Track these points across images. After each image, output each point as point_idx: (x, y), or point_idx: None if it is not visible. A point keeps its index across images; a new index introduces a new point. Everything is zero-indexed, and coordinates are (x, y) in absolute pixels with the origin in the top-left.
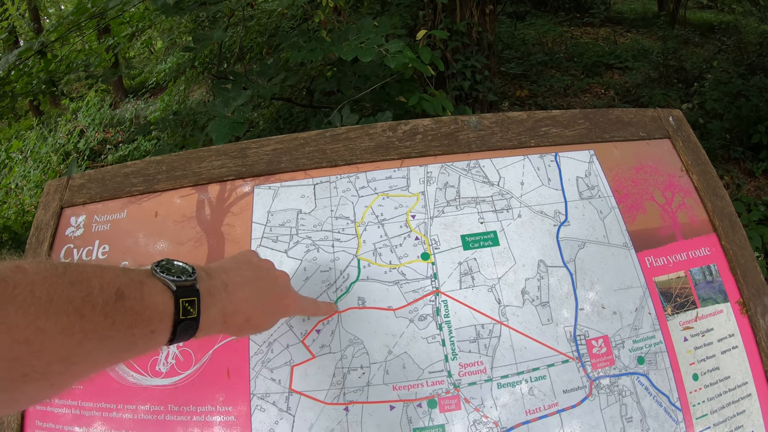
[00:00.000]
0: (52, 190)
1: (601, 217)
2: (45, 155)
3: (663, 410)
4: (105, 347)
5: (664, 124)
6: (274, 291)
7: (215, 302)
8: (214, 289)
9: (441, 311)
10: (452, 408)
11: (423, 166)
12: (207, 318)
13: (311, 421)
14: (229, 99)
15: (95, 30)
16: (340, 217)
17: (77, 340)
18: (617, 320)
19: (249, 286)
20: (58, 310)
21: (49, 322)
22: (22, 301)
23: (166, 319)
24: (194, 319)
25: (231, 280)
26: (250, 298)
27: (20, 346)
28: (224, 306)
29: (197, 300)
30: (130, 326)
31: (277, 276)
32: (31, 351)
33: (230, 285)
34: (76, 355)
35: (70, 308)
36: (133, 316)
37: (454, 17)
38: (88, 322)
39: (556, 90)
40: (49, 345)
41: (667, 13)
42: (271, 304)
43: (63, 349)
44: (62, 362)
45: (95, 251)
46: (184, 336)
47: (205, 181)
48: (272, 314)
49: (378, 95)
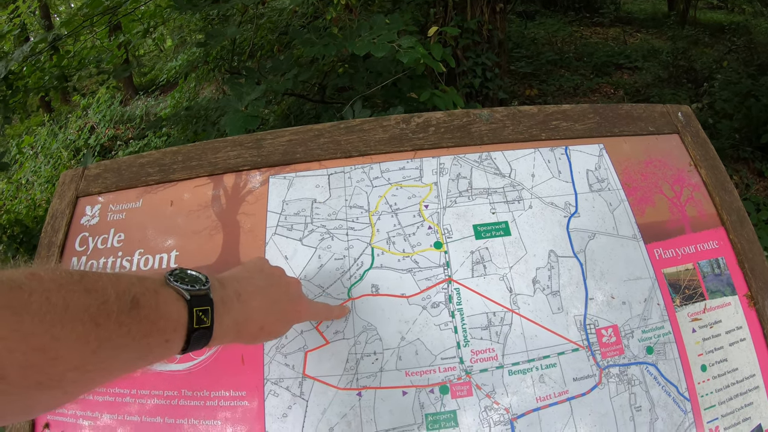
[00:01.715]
0: (68, 179)
1: (611, 209)
2: (56, 151)
3: (672, 400)
4: (120, 356)
5: (673, 119)
6: (287, 298)
7: (228, 311)
8: (227, 299)
9: (453, 299)
10: (464, 394)
11: (436, 158)
12: (220, 327)
13: (324, 406)
14: (243, 93)
15: (107, 26)
16: (354, 206)
17: (92, 348)
18: (626, 310)
19: (261, 294)
20: (73, 317)
21: (65, 330)
22: (38, 309)
23: (180, 328)
24: (208, 328)
25: (244, 289)
26: (263, 306)
27: (36, 353)
28: (237, 315)
29: (210, 309)
30: (144, 335)
31: (289, 283)
32: (47, 359)
33: (243, 294)
34: (91, 363)
35: (85, 316)
36: (148, 325)
37: (465, 15)
38: (104, 330)
39: (566, 90)
40: (64, 353)
41: (677, 13)
42: (285, 312)
43: (78, 358)
44: (77, 370)
45: (110, 239)
46: (197, 345)
47: (220, 171)
48: (286, 321)
49: (389, 91)
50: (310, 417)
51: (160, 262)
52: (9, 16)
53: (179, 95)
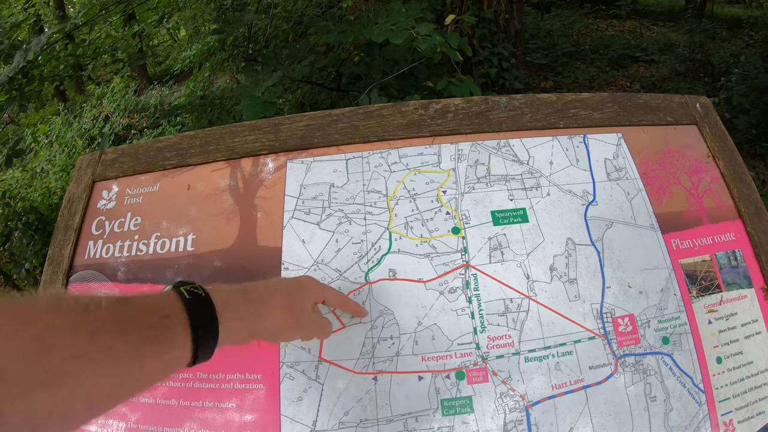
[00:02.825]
0: (85, 164)
1: (629, 198)
2: (70, 140)
3: (686, 391)
4: (117, 343)
5: (692, 110)
6: (297, 285)
7: (226, 295)
8: (219, 287)
9: (471, 284)
10: (480, 380)
11: (454, 144)
12: (223, 304)
13: (340, 389)
14: (259, 80)
15: (122, 15)
16: (372, 191)
17: (86, 335)
18: (643, 300)
19: (266, 285)
20: (66, 308)
21: (57, 317)
22: (30, 301)
23: (173, 302)
24: (204, 298)
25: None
26: (270, 291)
27: (32, 342)
28: (241, 296)
29: (200, 288)
30: (138, 315)
31: (298, 278)
32: (43, 348)
33: (243, 288)
34: (88, 351)
35: (77, 306)
36: (139, 308)
37: (482, 4)
38: (95, 316)
39: (581, 82)
40: (59, 340)
41: (695, 7)
42: (297, 299)
43: (74, 345)
44: (75, 359)
45: (127, 223)
46: (205, 322)
47: (238, 155)
48: (301, 310)
49: (406, 80)
50: (325, 401)
51: (176, 246)
52: (24, 6)
53: (194, 84)
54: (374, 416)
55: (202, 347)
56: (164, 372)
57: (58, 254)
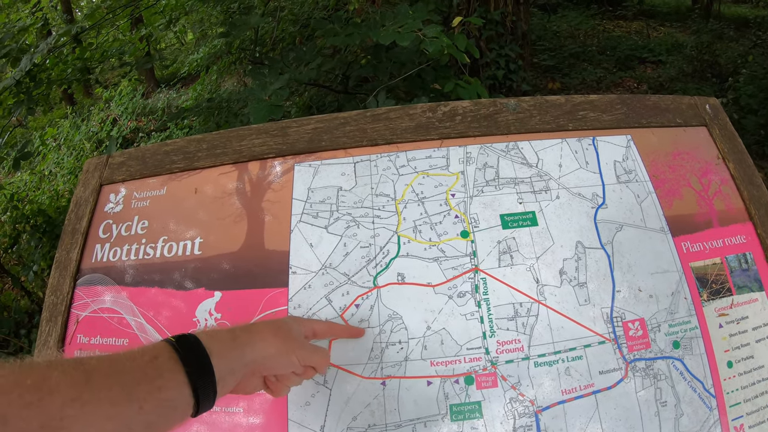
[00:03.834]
0: (92, 167)
1: (639, 201)
2: (78, 143)
3: (697, 396)
4: (113, 384)
5: (701, 111)
6: (282, 321)
7: (215, 333)
8: (209, 329)
9: (480, 288)
10: (489, 385)
11: (462, 147)
12: (216, 342)
13: (348, 394)
14: (266, 83)
15: (129, 19)
16: (380, 194)
17: (83, 378)
18: (654, 303)
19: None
20: (62, 361)
21: (55, 369)
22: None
23: (163, 345)
24: (196, 341)
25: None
26: (262, 330)
27: (31, 391)
28: (230, 333)
29: (195, 338)
30: (131, 359)
31: (281, 318)
32: (42, 394)
33: (234, 329)
34: (86, 393)
35: (73, 359)
36: (132, 353)
37: (488, 6)
38: (89, 364)
39: (589, 83)
40: (58, 386)
41: (701, 7)
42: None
43: (72, 389)
44: (75, 402)
45: (134, 227)
46: (196, 358)
47: (245, 158)
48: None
49: (413, 82)
50: (333, 406)
51: (183, 249)
52: (31, 10)
53: (201, 87)
54: (382, 421)
55: (201, 388)
56: (166, 417)
57: (66, 257)
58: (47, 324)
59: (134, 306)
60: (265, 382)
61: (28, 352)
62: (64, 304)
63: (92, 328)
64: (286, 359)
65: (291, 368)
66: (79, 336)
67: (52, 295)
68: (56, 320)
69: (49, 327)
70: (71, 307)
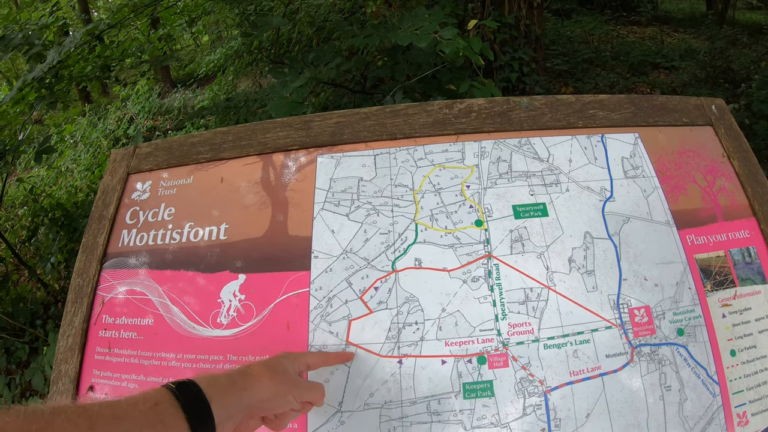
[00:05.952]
0: (119, 158)
1: (645, 195)
2: (95, 140)
3: (701, 382)
4: (118, 429)
5: (707, 112)
6: (275, 359)
7: (215, 380)
8: (208, 374)
9: (492, 274)
10: (500, 365)
11: (477, 142)
12: (214, 387)
13: (366, 372)
14: (287, 81)
15: (149, 19)
16: (399, 185)
17: (87, 426)
18: (659, 292)
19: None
20: (66, 409)
21: (59, 416)
22: (32, 408)
23: (162, 390)
24: (193, 384)
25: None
26: (259, 371)
27: None
28: (228, 378)
29: (193, 383)
30: (131, 405)
31: (271, 357)
32: None
33: (232, 371)
34: None
35: (76, 407)
36: (131, 398)
37: (503, 10)
38: (91, 411)
39: (602, 88)
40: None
41: (716, 13)
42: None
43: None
44: None
45: (161, 213)
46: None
47: (270, 150)
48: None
49: (429, 83)
50: (351, 383)
51: (209, 235)
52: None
53: (217, 88)
54: (398, 398)
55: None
56: None
57: (93, 242)
58: (72, 305)
59: (159, 287)
60: (264, 419)
61: (44, 342)
62: (90, 285)
63: (118, 308)
64: (283, 400)
65: (289, 407)
66: (104, 316)
67: (78, 278)
68: (82, 301)
69: (75, 308)
70: (97, 289)
